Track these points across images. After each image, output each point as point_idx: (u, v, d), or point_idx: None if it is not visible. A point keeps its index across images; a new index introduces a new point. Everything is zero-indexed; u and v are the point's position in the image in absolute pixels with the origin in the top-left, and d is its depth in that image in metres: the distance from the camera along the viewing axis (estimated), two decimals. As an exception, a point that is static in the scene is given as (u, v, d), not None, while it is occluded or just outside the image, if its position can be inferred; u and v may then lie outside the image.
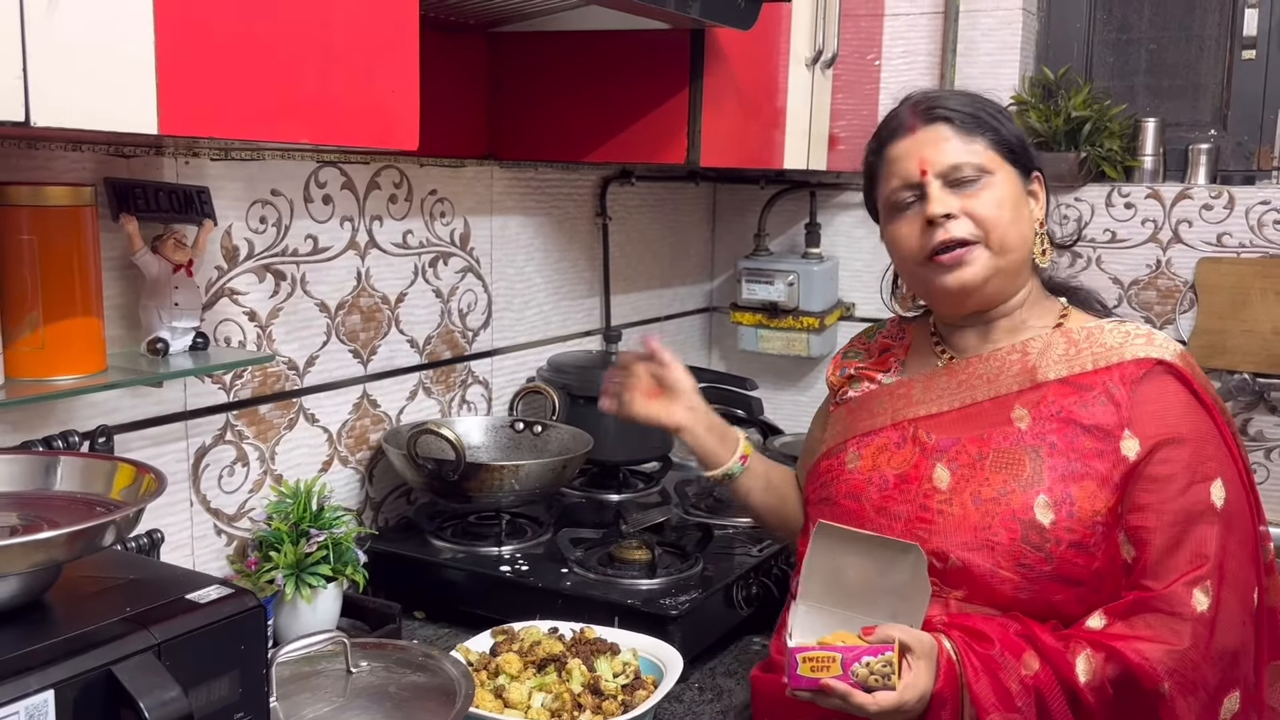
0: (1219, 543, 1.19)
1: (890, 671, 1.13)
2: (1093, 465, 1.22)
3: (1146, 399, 1.24)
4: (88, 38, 0.93)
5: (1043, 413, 1.27)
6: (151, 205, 1.41)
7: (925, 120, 1.33)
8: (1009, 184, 1.31)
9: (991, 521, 1.23)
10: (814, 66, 2.22)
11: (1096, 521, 1.21)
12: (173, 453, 1.52)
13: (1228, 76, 2.43)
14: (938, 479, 1.28)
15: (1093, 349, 1.29)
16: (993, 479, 1.25)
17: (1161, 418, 1.23)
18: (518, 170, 2.11)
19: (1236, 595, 1.20)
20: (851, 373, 1.48)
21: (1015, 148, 1.32)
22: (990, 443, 1.28)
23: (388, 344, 1.86)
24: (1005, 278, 1.31)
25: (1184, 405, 1.24)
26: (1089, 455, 1.23)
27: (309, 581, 1.52)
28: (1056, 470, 1.23)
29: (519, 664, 1.41)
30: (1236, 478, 1.24)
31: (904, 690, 1.13)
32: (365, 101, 1.21)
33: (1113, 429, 1.23)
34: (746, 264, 2.66)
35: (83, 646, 0.81)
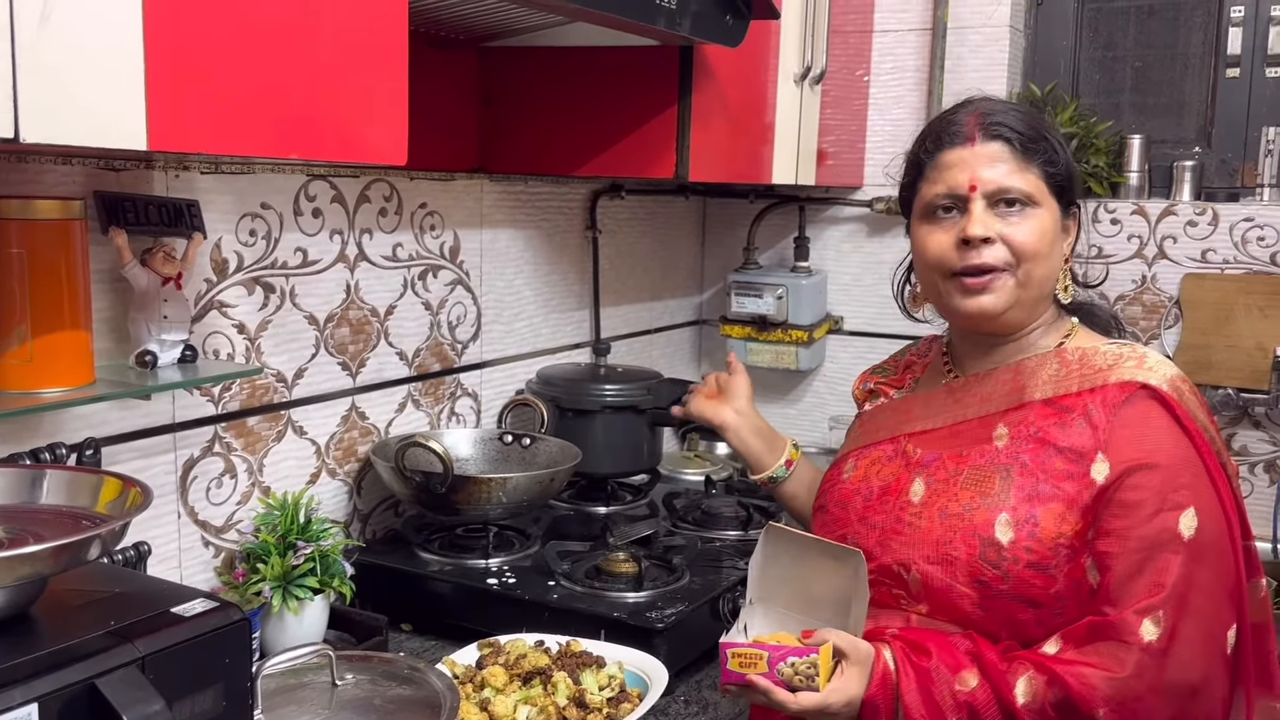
0: (1180, 573, 1.16)
1: (815, 673, 1.16)
2: (1062, 487, 1.22)
3: (1125, 423, 1.22)
4: (77, 55, 0.93)
5: (1021, 432, 1.27)
6: (141, 218, 1.41)
7: (986, 134, 1.29)
8: (1050, 218, 1.29)
9: (953, 536, 1.24)
10: (803, 82, 2.24)
11: (1059, 544, 1.20)
12: (161, 465, 1.52)
13: (1212, 94, 2.45)
14: (913, 492, 1.30)
15: (1082, 370, 1.28)
16: (961, 495, 1.26)
17: (1138, 443, 1.21)
18: (508, 184, 2.12)
19: (1200, 629, 1.17)
20: (871, 387, 1.53)
21: (1064, 182, 1.30)
22: (967, 460, 1.29)
23: (377, 356, 1.87)
24: (1024, 309, 1.31)
25: (1162, 431, 1.21)
26: (1059, 477, 1.22)
27: (296, 594, 1.52)
28: (1024, 490, 1.23)
29: (505, 677, 1.41)
30: (1215, 509, 1.20)
31: (829, 693, 1.17)
32: (355, 117, 1.21)
33: (1086, 452, 1.22)
34: (736, 277, 2.67)
35: (67, 660, 0.81)
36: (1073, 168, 1.32)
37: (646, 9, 1.53)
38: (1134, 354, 1.28)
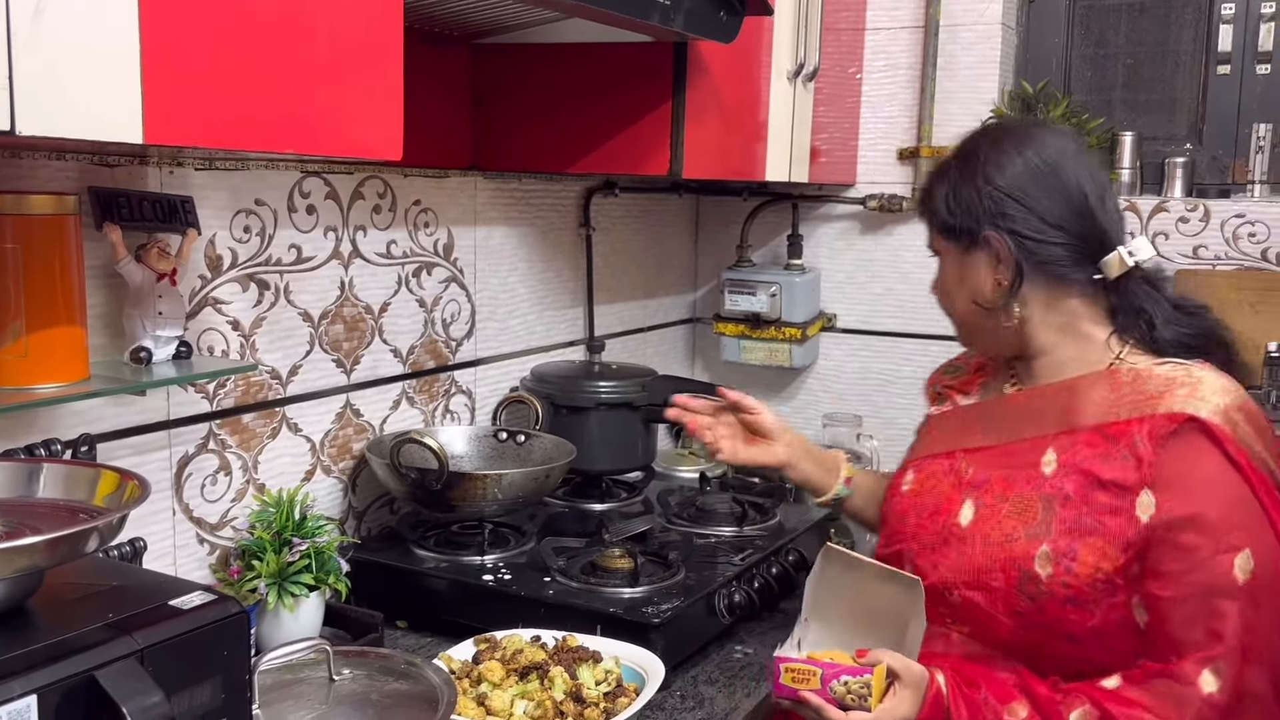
0: (1240, 621, 1.13)
1: (867, 694, 1.16)
2: (1103, 521, 1.19)
3: (1173, 458, 1.18)
4: (73, 47, 0.93)
5: (1068, 460, 1.25)
6: (135, 214, 1.41)
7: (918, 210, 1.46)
8: (950, 263, 1.38)
9: (993, 565, 1.24)
10: (796, 79, 2.24)
11: (1097, 579, 1.18)
12: (155, 461, 1.52)
13: (1203, 91, 2.46)
14: (962, 515, 1.30)
15: (1133, 396, 1.23)
16: (1005, 523, 1.26)
17: (1186, 482, 1.17)
18: (501, 181, 2.12)
19: (1265, 674, 1.14)
20: (939, 390, 1.53)
21: (946, 222, 1.35)
22: (1014, 486, 1.28)
23: (371, 353, 1.86)
24: (975, 335, 1.38)
25: (1213, 469, 1.17)
26: (1101, 511, 1.20)
27: (291, 590, 1.52)
28: (1065, 523, 1.21)
29: (501, 672, 1.41)
30: (1272, 546, 1.16)
31: (880, 713, 1.17)
32: (350, 112, 1.21)
33: (1131, 486, 1.19)
34: (729, 275, 2.67)
35: (65, 652, 0.81)
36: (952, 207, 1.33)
37: (640, 5, 1.53)
38: (1189, 378, 1.23)
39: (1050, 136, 1.33)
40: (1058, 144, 1.31)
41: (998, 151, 1.32)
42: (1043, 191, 1.29)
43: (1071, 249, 1.29)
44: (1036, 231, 1.29)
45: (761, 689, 1.57)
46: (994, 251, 1.31)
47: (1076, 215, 1.29)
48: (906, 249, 2.64)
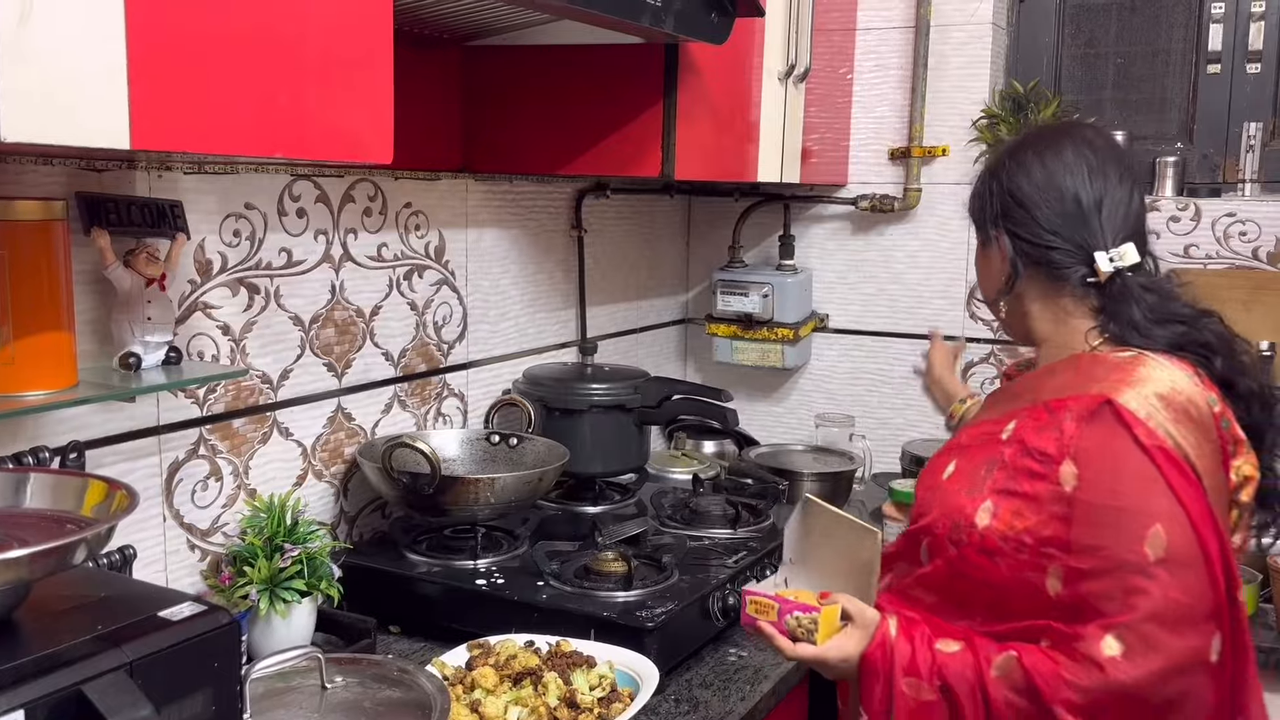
0: (1149, 592, 1.18)
1: (815, 629, 1.30)
2: (1023, 485, 1.27)
3: (1090, 437, 1.25)
4: (59, 53, 0.92)
5: (1017, 430, 1.33)
6: (124, 219, 1.40)
7: None
8: (977, 254, 1.49)
9: (940, 516, 1.34)
10: (787, 80, 2.24)
11: (1010, 536, 1.26)
12: (145, 468, 1.51)
13: (1193, 90, 2.46)
14: (946, 473, 1.39)
15: (1083, 378, 1.31)
16: (958, 481, 1.36)
17: (1100, 460, 1.24)
18: (493, 183, 2.11)
19: (1173, 645, 1.18)
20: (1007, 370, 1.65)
21: (974, 219, 1.47)
22: (981, 452, 1.36)
23: (362, 357, 1.86)
24: (1003, 323, 1.48)
25: (1122, 450, 1.24)
26: (1023, 476, 1.28)
27: (283, 596, 1.51)
28: (997, 484, 1.30)
29: (495, 678, 1.40)
30: (1183, 525, 1.21)
31: (826, 648, 1.30)
32: (340, 116, 1.21)
33: (1053, 456, 1.26)
34: (721, 276, 2.67)
35: (53, 665, 0.80)
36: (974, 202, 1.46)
37: (631, 6, 1.53)
38: (1133, 365, 1.29)
39: (1071, 144, 1.40)
40: (1075, 152, 1.39)
41: (1019, 155, 1.42)
42: (1042, 198, 1.38)
43: (1064, 252, 1.37)
44: (1033, 235, 1.38)
45: (757, 692, 1.57)
46: (1000, 249, 1.42)
47: (1070, 222, 1.37)
48: (898, 249, 2.64)
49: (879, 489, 2.45)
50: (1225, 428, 1.29)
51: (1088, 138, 1.42)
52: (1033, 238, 1.38)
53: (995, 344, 2.55)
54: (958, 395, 1.90)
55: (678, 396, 2.17)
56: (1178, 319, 1.36)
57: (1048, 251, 1.37)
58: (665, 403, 2.16)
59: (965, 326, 2.58)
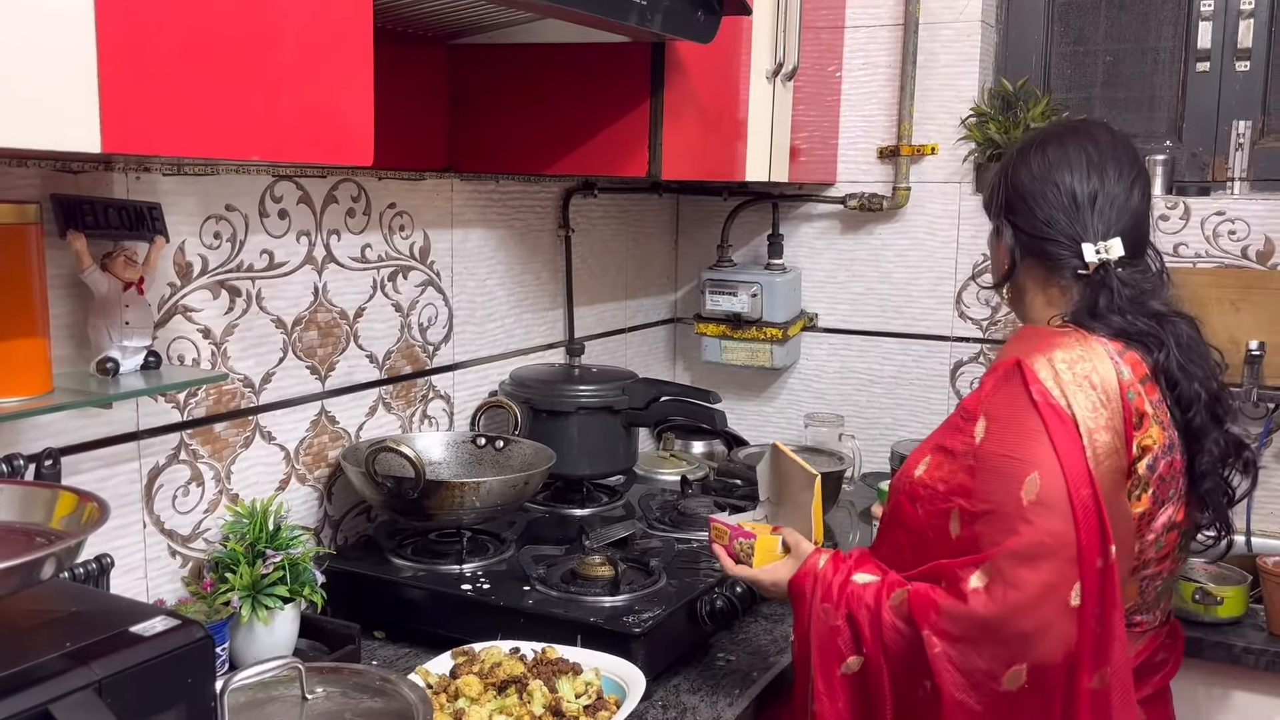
0: (1018, 532, 1.27)
1: (752, 554, 1.51)
2: (949, 441, 1.40)
3: (999, 394, 1.37)
4: (26, 54, 0.90)
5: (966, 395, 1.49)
6: (100, 222, 1.37)
7: None
8: (990, 238, 1.60)
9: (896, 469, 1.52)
10: (775, 79, 2.22)
11: (929, 484, 1.39)
12: (124, 474, 1.49)
13: (1182, 89, 2.45)
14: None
15: (1015, 345, 1.45)
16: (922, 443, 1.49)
17: (1001, 413, 1.36)
18: (478, 183, 2.09)
19: (1034, 583, 1.25)
20: None
21: (986, 209, 1.60)
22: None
23: (346, 359, 1.84)
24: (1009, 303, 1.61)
25: (1019, 404, 1.34)
26: (949, 430, 1.42)
27: (266, 603, 1.49)
28: (935, 437, 1.44)
29: (479, 686, 1.39)
30: (1056, 475, 1.28)
31: (760, 571, 1.50)
32: (319, 116, 1.18)
33: (972, 412, 1.39)
34: (710, 275, 2.65)
35: (19, 684, 0.78)
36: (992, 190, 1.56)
37: (618, 5, 1.51)
38: (1058, 335, 1.41)
39: (1075, 141, 1.49)
40: (1077, 148, 1.49)
41: (1026, 150, 1.53)
42: (1040, 191, 1.48)
43: (1057, 244, 1.47)
44: (1030, 226, 1.49)
45: (745, 697, 1.56)
46: (1003, 238, 1.54)
47: (1065, 215, 1.47)
48: (887, 248, 2.62)
49: (868, 489, 2.44)
50: (1131, 399, 1.36)
51: (1093, 134, 1.52)
52: (1030, 229, 1.49)
53: (984, 343, 2.54)
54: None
55: (666, 398, 2.16)
56: (1145, 314, 1.44)
57: (1043, 243, 1.48)
58: (653, 404, 2.14)
59: (954, 326, 2.57)
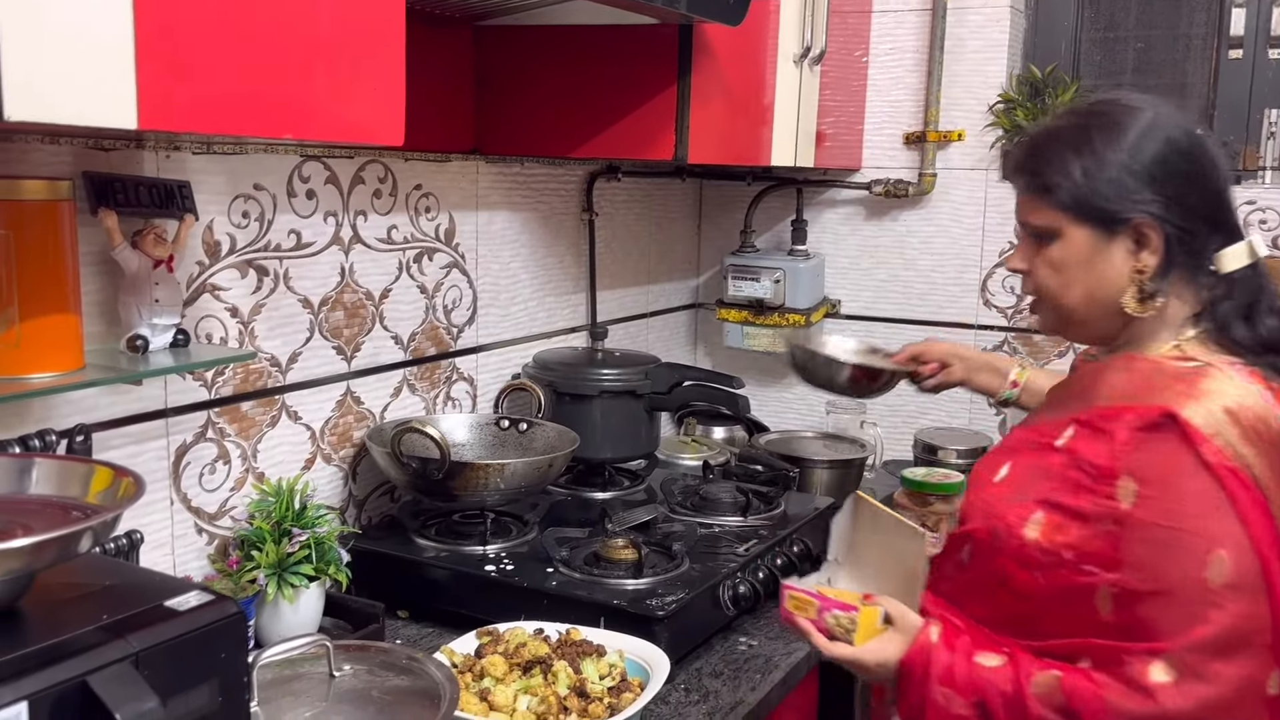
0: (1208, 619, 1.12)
1: (853, 629, 1.26)
2: (1070, 499, 1.20)
3: (1149, 451, 1.17)
4: (65, 30, 0.90)
5: (1073, 439, 1.25)
6: (131, 200, 1.38)
7: (1010, 172, 1.33)
8: (1076, 243, 1.25)
9: (983, 522, 1.29)
10: (802, 63, 2.21)
11: (1049, 550, 1.20)
12: (153, 451, 1.50)
13: (1214, 76, 2.43)
14: (996, 475, 1.33)
15: (1140, 385, 1.23)
16: (1007, 487, 1.30)
17: (1160, 478, 1.16)
18: (503, 165, 2.09)
19: (1232, 672, 1.11)
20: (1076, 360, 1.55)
21: (1086, 204, 1.23)
22: (1030, 455, 1.29)
23: (372, 340, 1.84)
24: (1080, 327, 1.31)
25: (1187, 468, 1.15)
26: (1069, 488, 1.21)
27: (291, 581, 1.50)
28: (1040, 492, 1.23)
29: (504, 666, 1.39)
30: (1246, 551, 1.13)
31: (864, 650, 1.26)
32: (350, 96, 1.18)
33: (1105, 469, 1.18)
34: (733, 261, 2.64)
35: (57, 656, 0.79)
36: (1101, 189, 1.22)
37: (647, -14, 1.50)
38: (1200, 376, 1.20)
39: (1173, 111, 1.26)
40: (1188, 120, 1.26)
41: (1137, 123, 1.23)
42: (1190, 174, 1.22)
43: (1207, 239, 1.23)
44: (1183, 219, 1.21)
45: (767, 683, 1.56)
46: (1142, 238, 1.23)
47: (1215, 202, 1.24)
48: (912, 235, 2.61)
49: (890, 476, 2.44)
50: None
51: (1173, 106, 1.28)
52: (1183, 222, 1.21)
53: (1009, 331, 2.53)
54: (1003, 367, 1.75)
55: (688, 382, 2.16)
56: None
57: (1196, 239, 1.22)
58: (676, 388, 2.14)
59: (979, 314, 2.55)
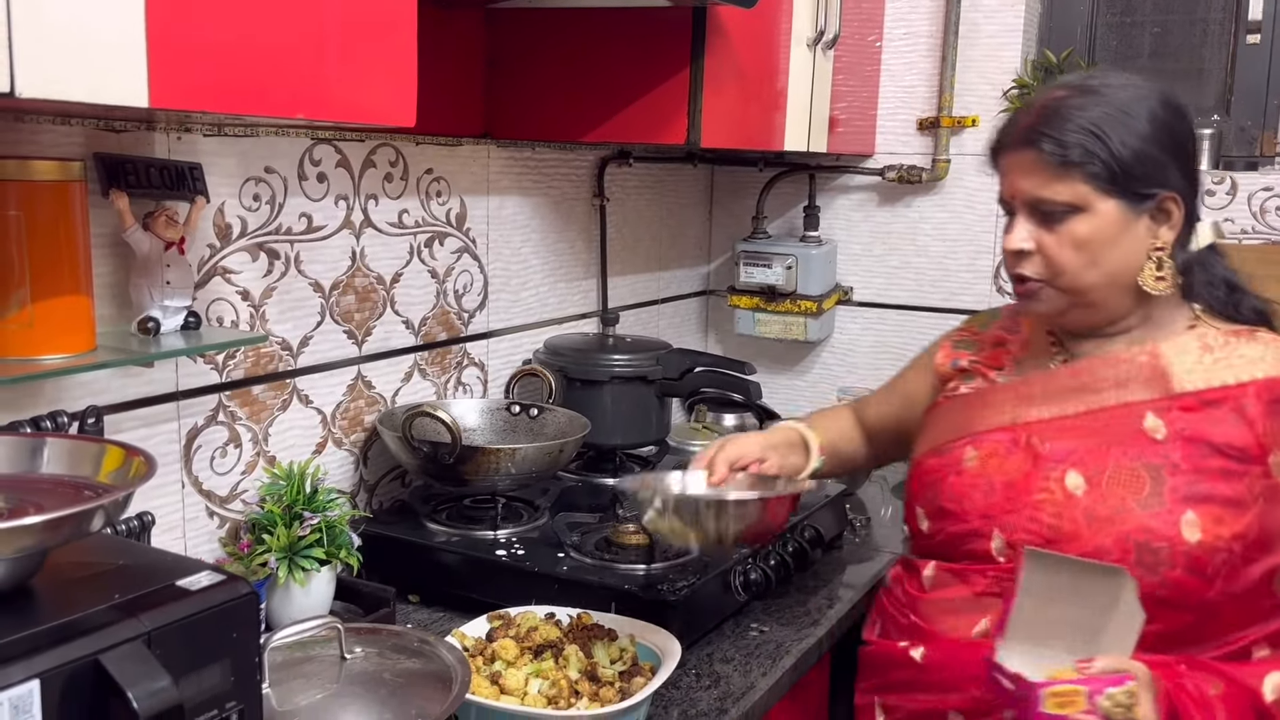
0: None
1: (1134, 702, 1.08)
2: (1219, 488, 1.17)
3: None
4: (76, 6, 0.90)
5: (1173, 427, 1.21)
6: (142, 181, 1.38)
7: (1024, 142, 1.26)
8: (1104, 219, 1.22)
9: (1104, 541, 1.20)
10: (815, 47, 2.19)
11: (1217, 547, 1.16)
12: (164, 434, 1.50)
13: (1231, 61, 2.40)
14: (1048, 491, 1.24)
15: (1230, 359, 1.22)
16: (1109, 496, 1.22)
17: None
18: (515, 150, 2.08)
19: None
20: (964, 365, 1.45)
21: (1120, 175, 1.20)
22: (1111, 457, 1.23)
23: (383, 325, 1.83)
24: (1090, 309, 1.27)
25: None
26: (1215, 477, 1.18)
27: (302, 565, 1.50)
28: (1178, 491, 1.18)
29: (515, 650, 1.39)
30: None
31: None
32: (362, 77, 1.18)
33: (1249, 448, 1.18)
34: (744, 247, 2.63)
35: (69, 635, 0.78)
36: (1137, 157, 1.20)
37: (660, -33, 1.49)
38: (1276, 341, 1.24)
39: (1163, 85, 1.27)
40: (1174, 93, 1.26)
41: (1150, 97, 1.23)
42: (1194, 150, 1.25)
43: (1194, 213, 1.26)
44: (1194, 194, 1.24)
45: (778, 669, 1.55)
46: (1164, 213, 1.23)
47: (1196, 177, 1.26)
48: (925, 221, 2.59)
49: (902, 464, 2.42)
50: None
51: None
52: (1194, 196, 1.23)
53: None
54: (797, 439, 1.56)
55: (699, 369, 2.15)
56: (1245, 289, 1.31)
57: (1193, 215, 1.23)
58: (687, 375, 2.13)
59: (991, 301, 2.54)
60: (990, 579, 1.30)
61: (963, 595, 1.33)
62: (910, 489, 1.46)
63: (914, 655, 1.36)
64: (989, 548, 1.30)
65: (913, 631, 1.40)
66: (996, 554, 1.29)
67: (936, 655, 1.33)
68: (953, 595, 1.34)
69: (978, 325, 1.51)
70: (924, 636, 1.37)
